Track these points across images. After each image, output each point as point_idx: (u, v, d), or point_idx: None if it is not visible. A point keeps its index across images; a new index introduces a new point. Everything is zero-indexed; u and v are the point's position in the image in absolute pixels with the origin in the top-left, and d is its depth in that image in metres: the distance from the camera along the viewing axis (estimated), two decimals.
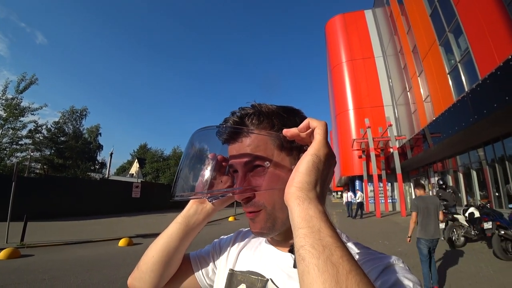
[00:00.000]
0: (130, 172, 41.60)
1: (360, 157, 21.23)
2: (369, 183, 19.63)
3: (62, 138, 21.76)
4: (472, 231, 6.36)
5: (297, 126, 0.45)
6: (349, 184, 29.30)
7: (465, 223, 6.67)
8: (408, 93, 18.02)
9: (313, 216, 0.34)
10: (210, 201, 0.58)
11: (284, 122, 0.51)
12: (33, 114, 15.73)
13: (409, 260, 5.65)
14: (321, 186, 0.39)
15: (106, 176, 24.87)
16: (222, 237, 0.72)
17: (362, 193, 16.95)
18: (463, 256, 5.82)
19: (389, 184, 20.14)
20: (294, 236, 0.34)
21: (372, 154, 17.27)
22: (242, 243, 0.65)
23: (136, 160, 40.06)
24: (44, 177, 16.48)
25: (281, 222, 0.50)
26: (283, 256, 0.54)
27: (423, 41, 13.79)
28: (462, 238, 6.64)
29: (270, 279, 0.53)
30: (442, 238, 7.00)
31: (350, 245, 0.53)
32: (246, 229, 0.67)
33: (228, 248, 0.66)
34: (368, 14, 25.48)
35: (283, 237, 0.54)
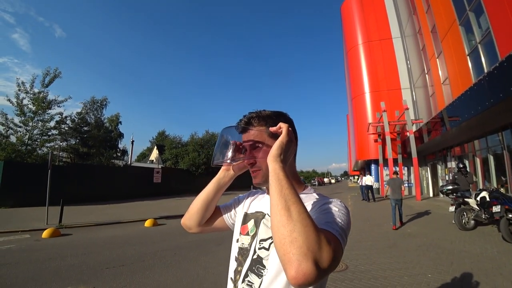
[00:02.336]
0: (150, 159, 43.14)
1: (376, 141, 21.04)
2: (385, 167, 19.56)
3: (85, 128, 22.86)
4: (483, 215, 6.47)
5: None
6: (365, 168, 29.15)
7: (476, 206, 6.79)
8: (427, 75, 17.47)
9: (276, 168, 0.69)
10: (231, 164, 0.94)
11: (274, 121, 0.86)
12: (59, 106, 16.67)
13: (416, 240, 5.93)
14: (283, 156, 0.74)
15: (129, 163, 26.05)
16: (239, 195, 1.12)
17: (372, 176, 17.00)
18: (471, 238, 6.01)
19: (405, 168, 19.97)
20: (269, 178, 0.69)
21: (388, 138, 17.14)
22: (252, 197, 1.05)
23: (156, 147, 41.43)
24: (72, 165, 17.63)
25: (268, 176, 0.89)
26: None
27: (443, 21, 13.23)
28: (472, 222, 6.78)
29: (267, 213, 0.89)
30: (453, 222, 7.18)
31: (315, 194, 0.89)
32: (256, 190, 1.10)
33: (244, 200, 1.06)
34: None
35: None
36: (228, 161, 0.89)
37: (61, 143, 18.52)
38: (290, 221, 0.56)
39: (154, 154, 42.13)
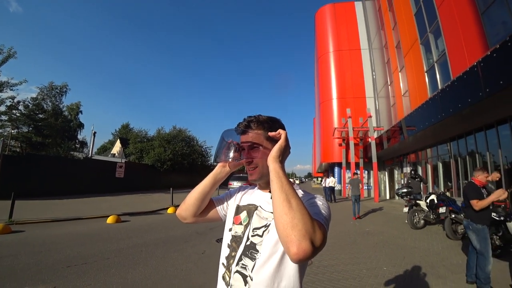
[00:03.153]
0: (112, 152, 40.78)
1: (340, 145, 22.19)
2: (347, 170, 20.71)
3: (41, 115, 20.94)
4: (431, 215, 7.23)
5: (276, 129, 0.95)
6: (328, 171, 30.50)
7: (425, 208, 7.55)
8: (389, 86, 18.85)
9: (276, 168, 0.82)
10: (232, 162, 1.03)
11: (270, 126, 0.98)
12: (11, 89, 15.11)
13: (373, 238, 6.44)
14: (281, 157, 0.88)
15: (89, 155, 24.38)
16: (231, 189, 1.22)
17: (335, 178, 17.96)
18: (421, 235, 6.68)
19: (366, 172, 21.34)
20: (270, 176, 0.81)
21: (352, 143, 18.16)
22: (243, 191, 1.15)
23: (119, 140, 39.29)
24: (27, 155, 16.08)
25: (265, 174, 0.96)
26: (266, 194, 1.02)
27: (407, 38, 14.42)
28: (422, 221, 7.55)
29: (259, 205, 1.01)
30: (406, 221, 7.92)
31: (300, 190, 1.02)
32: (246, 185, 1.19)
33: (235, 194, 1.15)
34: (358, 6, 25.74)
35: (266, 185, 1.02)
36: (230, 160, 0.99)
37: (12, 131, 16.79)
38: (291, 211, 0.71)
39: (117, 147, 39.94)
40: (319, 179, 65.38)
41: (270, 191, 0.97)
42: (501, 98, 6.25)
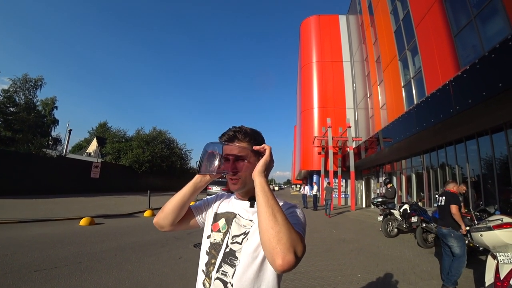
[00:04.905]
0: (87, 151, 39.13)
1: (319, 153, 22.67)
2: (326, 178, 21.18)
3: (12, 109, 19.73)
4: (404, 224, 7.56)
5: (259, 142, 1.01)
6: (307, 178, 31.01)
7: (399, 217, 7.89)
8: (368, 99, 19.59)
9: (262, 182, 0.86)
10: (218, 174, 1.03)
11: (255, 138, 1.02)
12: None
13: (349, 245, 6.62)
14: (266, 171, 0.91)
15: (63, 153, 23.20)
16: (208, 197, 1.23)
17: (318, 187, 18.33)
18: (394, 243, 6.96)
19: (344, 180, 21.92)
20: (255, 189, 0.85)
21: (330, 152, 18.63)
22: (221, 200, 1.16)
23: (95, 139, 37.80)
24: None
25: (246, 184, 1.00)
26: (244, 203, 1.06)
27: (386, 54, 15.13)
28: (395, 230, 7.86)
29: (238, 213, 1.04)
30: (380, 230, 8.21)
31: (279, 199, 1.08)
32: (222, 192, 1.21)
33: (213, 202, 1.17)
34: (342, 19, 26.73)
35: (244, 194, 1.06)
36: (214, 172, 1.00)
37: None
38: (277, 225, 0.76)
39: (93, 146, 38.44)
40: (298, 186, 66.22)
41: (248, 200, 1.06)
42: (469, 115, 6.72)
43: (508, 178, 6.89)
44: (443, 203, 4.20)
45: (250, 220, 1.00)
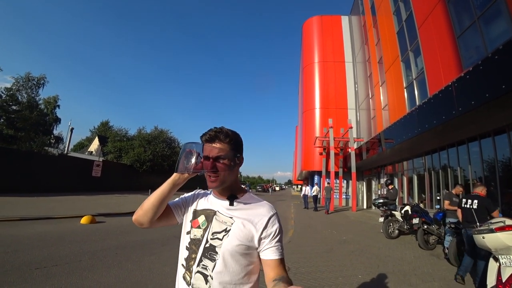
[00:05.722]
0: (89, 150, 39.25)
1: (321, 154, 22.64)
2: (327, 179, 21.13)
3: (14, 107, 19.86)
4: (405, 226, 7.53)
5: (239, 144, 1.08)
6: (308, 179, 30.96)
7: (400, 218, 7.85)
8: (370, 100, 19.54)
9: None
10: (196, 173, 1.06)
11: (235, 139, 1.06)
12: None
13: (350, 246, 6.60)
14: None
15: (65, 152, 23.27)
16: (185, 194, 1.24)
17: (319, 187, 18.31)
18: (395, 245, 6.93)
19: (345, 181, 21.87)
20: None
21: (332, 153, 18.58)
22: (198, 196, 1.18)
23: (97, 138, 37.91)
24: None
25: (224, 183, 1.03)
26: (223, 201, 1.08)
27: (388, 55, 15.08)
28: (397, 231, 7.83)
29: (217, 210, 1.07)
30: (381, 231, 8.18)
31: (252, 194, 1.14)
32: (199, 190, 1.23)
33: (191, 198, 1.19)
34: (344, 20, 26.67)
35: (222, 191, 1.09)
36: (191, 171, 1.02)
37: None
38: None
39: (95, 145, 38.56)
40: (299, 186, 66.13)
41: (227, 198, 1.08)
42: (472, 117, 6.68)
43: (511, 180, 6.85)
44: (475, 207, 4.12)
45: (230, 218, 1.03)
